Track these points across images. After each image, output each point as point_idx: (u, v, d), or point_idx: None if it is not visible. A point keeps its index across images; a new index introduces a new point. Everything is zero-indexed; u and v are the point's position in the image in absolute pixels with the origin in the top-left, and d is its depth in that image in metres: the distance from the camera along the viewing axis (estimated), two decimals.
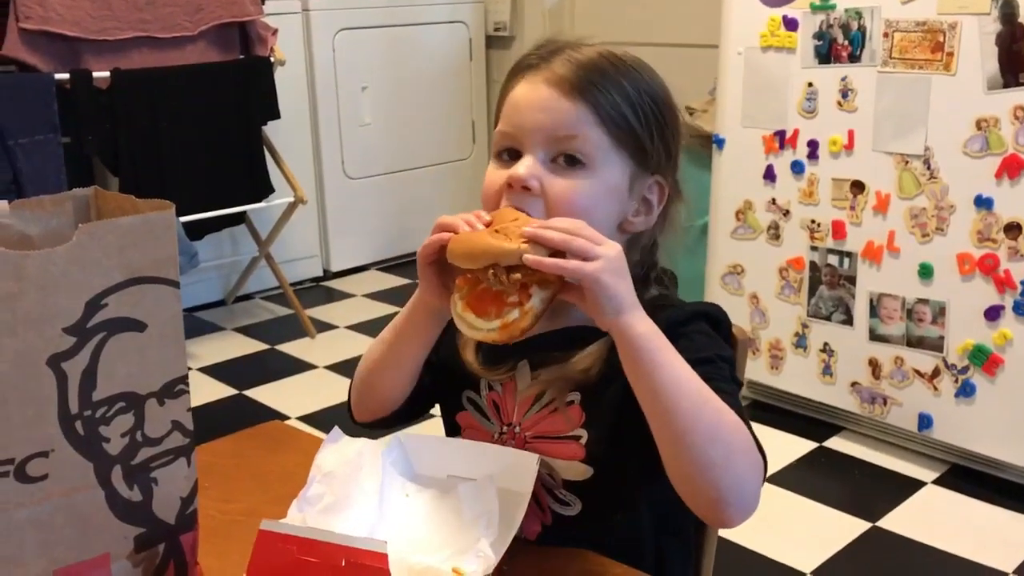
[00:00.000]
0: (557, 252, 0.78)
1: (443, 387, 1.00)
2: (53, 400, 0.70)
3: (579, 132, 0.89)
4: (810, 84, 2.24)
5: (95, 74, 2.62)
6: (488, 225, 0.83)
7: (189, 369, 2.68)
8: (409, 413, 1.00)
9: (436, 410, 1.03)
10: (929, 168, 2.07)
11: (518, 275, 0.78)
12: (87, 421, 0.71)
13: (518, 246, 0.77)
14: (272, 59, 2.99)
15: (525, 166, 0.89)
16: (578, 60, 0.90)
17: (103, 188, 0.82)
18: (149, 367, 0.75)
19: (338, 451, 0.87)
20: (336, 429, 0.89)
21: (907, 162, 2.10)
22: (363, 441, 0.89)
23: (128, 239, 0.72)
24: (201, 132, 2.86)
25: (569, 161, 0.89)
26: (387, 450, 0.90)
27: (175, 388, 0.77)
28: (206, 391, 2.74)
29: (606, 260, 0.77)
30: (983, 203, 2.00)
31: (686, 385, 0.78)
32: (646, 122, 0.91)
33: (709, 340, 0.90)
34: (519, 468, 0.86)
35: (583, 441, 0.90)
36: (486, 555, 0.75)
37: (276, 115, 3.03)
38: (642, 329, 0.79)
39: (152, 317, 0.74)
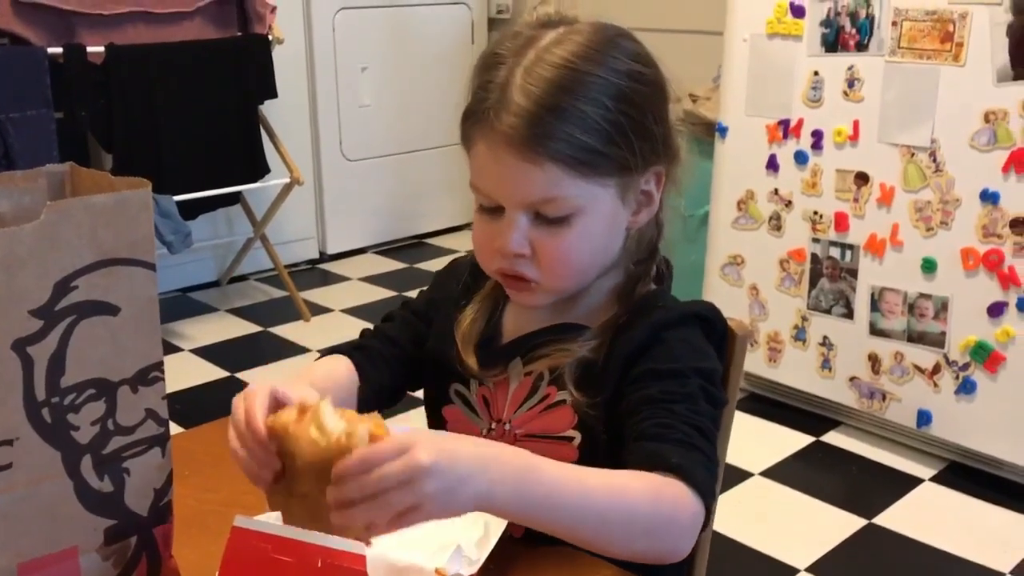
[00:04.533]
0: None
1: (429, 378, 0.97)
2: (18, 386, 0.66)
3: (554, 194, 0.82)
4: (816, 73, 2.20)
5: (89, 49, 2.57)
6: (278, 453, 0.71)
7: (180, 350, 2.64)
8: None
9: (420, 394, 1.01)
10: (935, 161, 2.03)
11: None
12: (55, 408, 0.68)
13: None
14: (270, 37, 2.95)
15: (511, 235, 0.84)
16: (529, 109, 0.81)
17: (97, 166, 0.79)
18: (122, 353, 0.71)
19: None
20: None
21: (913, 154, 2.06)
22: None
23: (101, 218, 0.69)
24: (197, 110, 2.82)
25: (553, 217, 0.84)
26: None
27: (149, 375, 0.73)
28: (198, 373, 2.71)
29: (424, 499, 0.65)
30: (989, 197, 1.96)
31: (581, 516, 0.71)
32: (622, 135, 0.83)
33: (687, 349, 0.85)
34: None
35: (576, 443, 0.87)
36: (470, 555, 0.72)
37: (273, 94, 2.99)
38: (501, 502, 0.69)
39: (126, 301, 0.71)
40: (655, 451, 0.76)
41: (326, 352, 0.96)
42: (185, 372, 2.69)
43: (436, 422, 0.97)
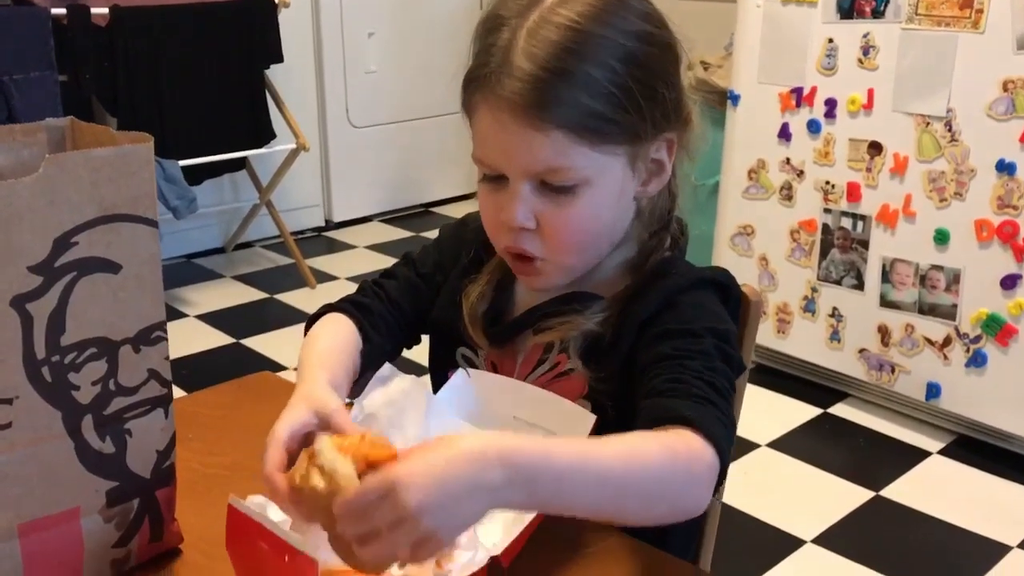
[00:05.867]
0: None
1: (434, 341, 0.96)
2: (17, 344, 0.65)
3: (560, 164, 0.79)
4: (830, 40, 2.16)
5: (93, 10, 2.54)
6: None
7: (185, 316, 2.62)
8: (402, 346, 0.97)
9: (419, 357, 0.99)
10: (951, 130, 2.00)
11: None
12: (55, 367, 0.67)
13: None
14: (276, 0, 2.91)
15: (516, 207, 0.81)
16: (534, 73, 0.77)
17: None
18: (124, 311, 0.70)
19: (386, 391, 0.83)
20: (387, 365, 0.84)
21: (928, 123, 2.03)
22: (410, 380, 0.84)
23: (102, 173, 0.67)
24: (202, 74, 2.79)
25: (559, 186, 0.81)
26: (449, 387, 0.86)
27: (152, 335, 0.72)
28: (202, 339, 2.70)
29: (429, 533, 0.60)
30: (1005, 168, 1.93)
31: (600, 495, 0.67)
32: (632, 101, 0.79)
33: (700, 312, 0.83)
34: (573, 425, 0.80)
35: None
36: (486, 541, 0.71)
37: (279, 58, 2.96)
38: (516, 503, 0.65)
39: (127, 258, 0.70)
40: (668, 406, 0.74)
41: (327, 308, 0.94)
42: (190, 338, 2.68)
43: (441, 384, 0.95)
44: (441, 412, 0.85)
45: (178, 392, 0.75)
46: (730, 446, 0.74)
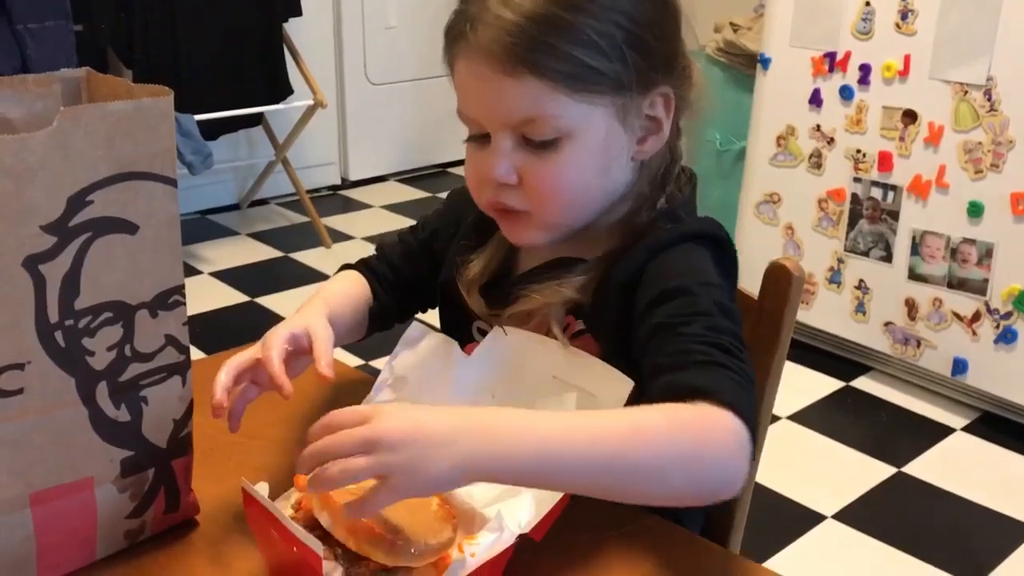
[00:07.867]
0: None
1: (445, 308, 0.94)
2: (30, 306, 0.62)
3: (536, 113, 0.76)
4: (867, 3, 2.09)
5: None
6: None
7: (200, 273, 2.59)
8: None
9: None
10: (990, 100, 1.93)
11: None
12: (68, 331, 0.64)
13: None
14: None
15: (496, 161, 0.78)
16: (508, 19, 0.75)
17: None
18: (140, 274, 0.67)
19: (415, 353, 0.83)
20: (414, 324, 0.84)
21: (966, 92, 1.97)
22: (439, 340, 0.83)
23: (119, 127, 0.63)
24: (219, 25, 2.74)
25: (540, 140, 0.78)
26: (484, 346, 0.83)
27: (170, 299, 0.69)
28: (216, 296, 2.68)
29: (388, 470, 0.60)
30: None
31: (588, 467, 0.63)
32: (614, 48, 0.76)
33: (686, 267, 0.77)
34: (611, 389, 0.75)
35: None
36: (511, 524, 0.68)
37: (298, 11, 2.90)
38: (485, 469, 0.62)
39: (145, 218, 0.66)
40: (673, 380, 0.69)
41: (343, 267, 0.98)
42: (205, 296, 2.66)
43: None
44: (469, 379, 0.82)
45: (192, 351, 0.72)
46: (751, 405, 0.68)
